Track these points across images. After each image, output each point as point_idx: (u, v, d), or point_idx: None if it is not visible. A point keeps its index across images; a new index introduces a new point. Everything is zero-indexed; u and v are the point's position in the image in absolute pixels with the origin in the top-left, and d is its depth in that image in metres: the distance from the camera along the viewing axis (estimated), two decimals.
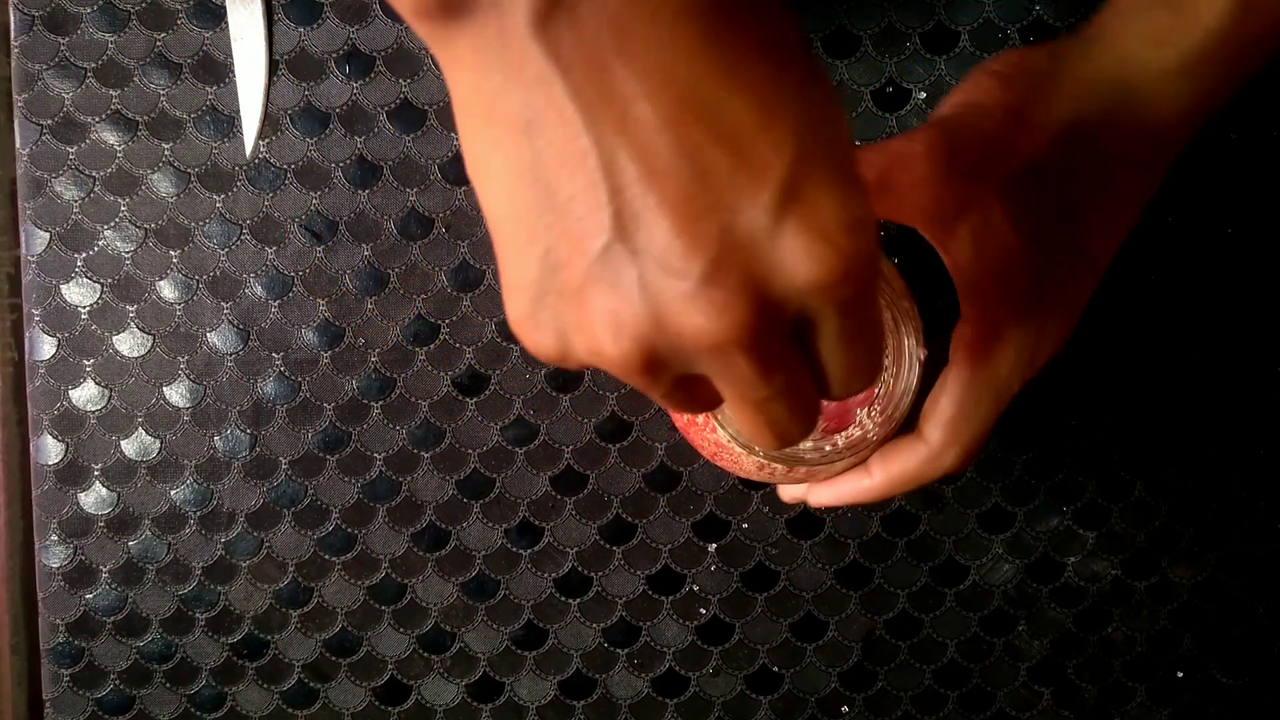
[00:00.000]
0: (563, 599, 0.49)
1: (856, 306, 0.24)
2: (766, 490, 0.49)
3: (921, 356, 0.36)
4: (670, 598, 0.49)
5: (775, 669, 0.50)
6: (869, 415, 0.38)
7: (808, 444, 0.37)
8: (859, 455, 0.37)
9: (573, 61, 0.22)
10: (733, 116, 0.22)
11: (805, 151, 0.22)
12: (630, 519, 0.49)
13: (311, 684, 0.50)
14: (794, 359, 0.25)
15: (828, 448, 0.37)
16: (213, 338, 0.48)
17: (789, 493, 0.43)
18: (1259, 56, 0.35)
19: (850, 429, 0.38)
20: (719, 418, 0.37)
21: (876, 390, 0.37)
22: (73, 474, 0.49)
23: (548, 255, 0.24)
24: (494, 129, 0.23)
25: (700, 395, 0.26)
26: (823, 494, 0.40)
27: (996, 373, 0.35)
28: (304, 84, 0.48)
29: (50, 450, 0.49)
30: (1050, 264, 0.34)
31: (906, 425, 0.37)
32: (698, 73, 0.22)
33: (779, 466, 0.38)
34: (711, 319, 0.22)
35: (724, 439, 0.37)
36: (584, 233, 0.23)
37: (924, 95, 0.48)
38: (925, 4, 0.48)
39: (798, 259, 0.22)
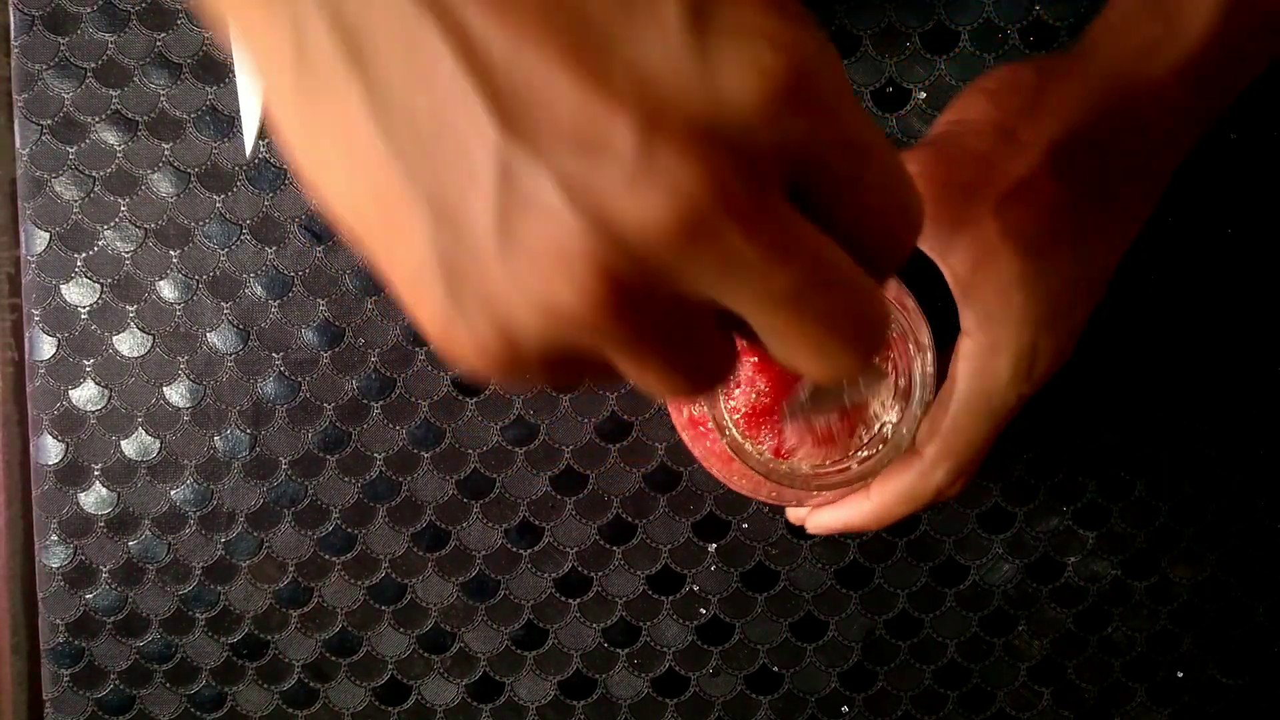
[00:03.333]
0: (563, 599, 0.49)
1: (835, 112, 0.18)
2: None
3: (932, 373, 0.36)
4: (670, 598, 0.49)
5: (775, 669, 0.50)
6: (879, 430, 0.37)
7: (816, 461, 0.37)
8: (856, 484, 0.37)
9: None
10: None
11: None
12: (630, 519, 0.49)
13: (311, 684, 0.50)
14: (807, 227, 0.18)
15: (829, 463, 0.37)
16: (213, 338, 0.48)
17: (793, 514, 0.43)
18: (1249, 65, 0.35)
19: (856, 450, 0.37)
20: (722, 421, 0.37)
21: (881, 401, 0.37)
22: (73, 474, 0.49)
23: (438, 215, 0.17)
24: (308, 76, 0.17)
25: (715, 342, 0.20)
26: (824, 518, 0.40)
27: (993, 386, 0.34)
28: None
29: (50, 450, 0.49)
30: (1048, 280, 0.34)
31: None
32: None
33: (786, 472, 0.38)
34: (674, 193, 0.16)
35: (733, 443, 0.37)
36: (470, 155, 0.17)
37: (924, 95, 0.48)
38: (925, 4, 0.48)
39: (740, 75, 0.17)
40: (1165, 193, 0.48)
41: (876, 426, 0.37)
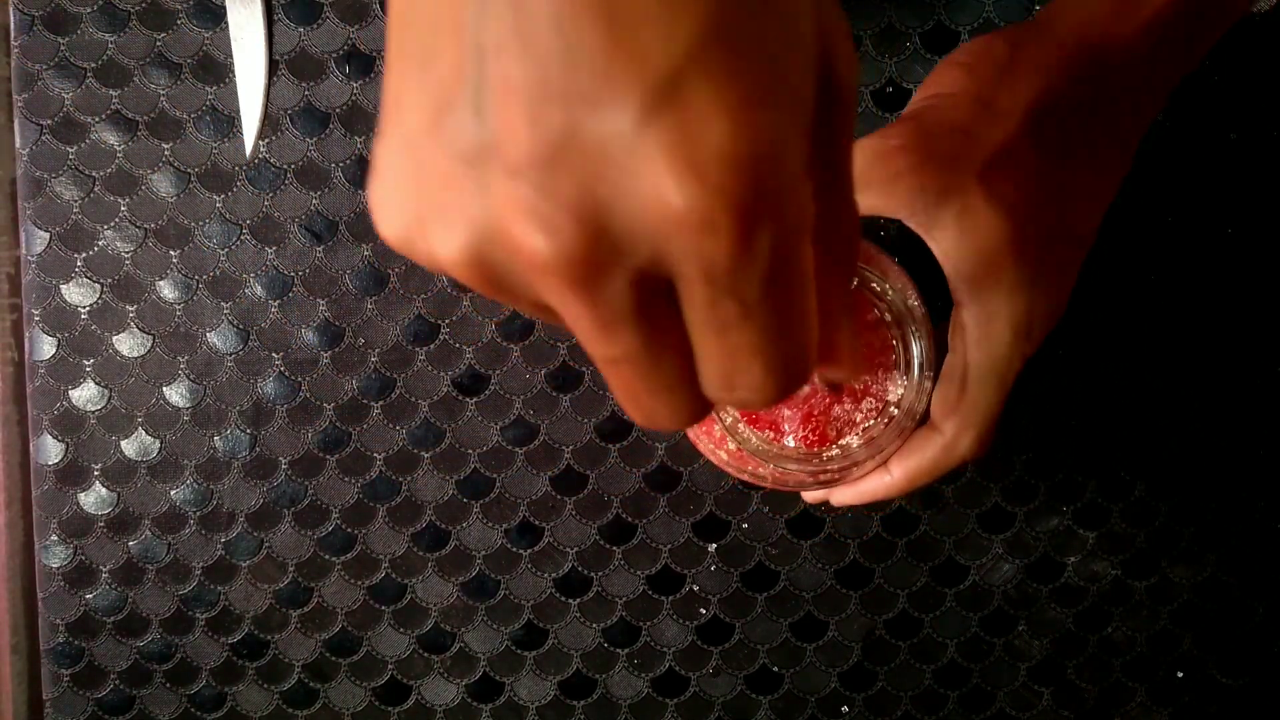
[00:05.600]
0: (563, 599, 0.49)
1: (732, 277, 0.18)
2: (766, 490, 0.49)
3: (930, 358, 0.36)
4: (670, 598, 0.49)
5: (775, 669, 0.50)
6: (881, 422, 0.38)
7: (834, 450, 0.37)
8: (877, 460, 0.37)
9: None
10: None
11: (707, 44, 0.17)
12: (630, 519, 0.49)
13: (311, 684, 0.50)
14: (661, 323, 0.20)
15: (838, 451, 0.37)
16: (213, 338, 0.48)
17: (811, 495, 0.43)
18: (1215, 19, 0.36)
19: (855, 436, 0.38)
20: (727, 424, 0.37)
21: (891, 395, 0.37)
22: (73, 474, 0.49)
23: (407, 115, 0.19)
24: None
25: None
26: (845, 494, 0.40)
27: (997, 353, 0.35)
28: (304, 84, 0.48)
29: (50, 450, 0.49)
30: (1035, 240, 0.34)
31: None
32: None
33: (795, 474, 0.38)
34: (537, 235, 0.18)
35: (732, 443, 0.37)
36: (441, 99, 0.19)
37: None
38: (925, 4, 0.48)
39: (651, 184, 0.17)
40: (1165, 192, 0.48)
41: (864, 413, 0.38)
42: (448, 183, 0.19)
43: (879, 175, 0.34)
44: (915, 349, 0.36)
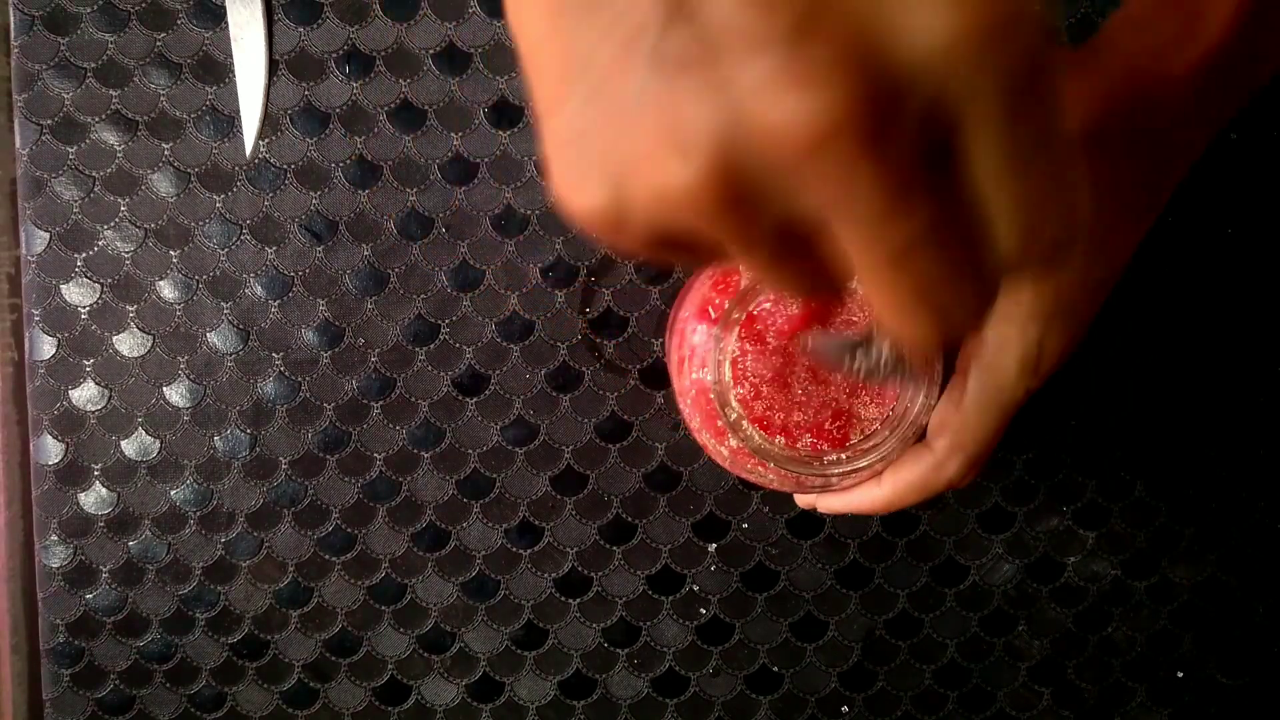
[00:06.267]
0: (563, 599, 0.49)
1: (1024, 92, 0.16)
2: (766, 490, 0.49)
3: (939, 373, 0.36)
4: (670, 598, 0.49)
5: (775, 669, 0.50)
6: (885, 425, 0.37)
7: (833, 456, 0.37)
8: (875, 469, 0.37)
9: None
10: None
11: None
12: (630, 519, 0.49)
13: (311, 684, 0.50)
14: (940, 186, 0.17)
15: (844, 456, 0.37)
16: (213, 338, 0.48)
17: (802, 500, 0.43)
18: (1268, 68, 0.35)
19: (868, 438, 0.37)
20: (731, 419, 0.37)
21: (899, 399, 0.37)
22: (73, 474, 0.49)
23: (589, 69, 0.18)
24: None
25: (816, 260, 0.19)
26: (833, 501, 0.40)
27: (1001, 382, 0.35)
28: (304, 84, 0.48)
29: (50, 450, 0.49)
30: (1058, 278, 0.34)
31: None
32: None
33: (800, 475, 0.38)
34: (807, 103, 0.15)
35: (738, 442, 0.37)
36: (631, 27, 0.17)
37: None
38: None
39: (924, 8, 0.15)
40: None
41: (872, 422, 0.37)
42: (666, 103, 0.17)
43: None
44: (927, 359, 0.36)
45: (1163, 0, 0.35)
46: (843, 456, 0.36)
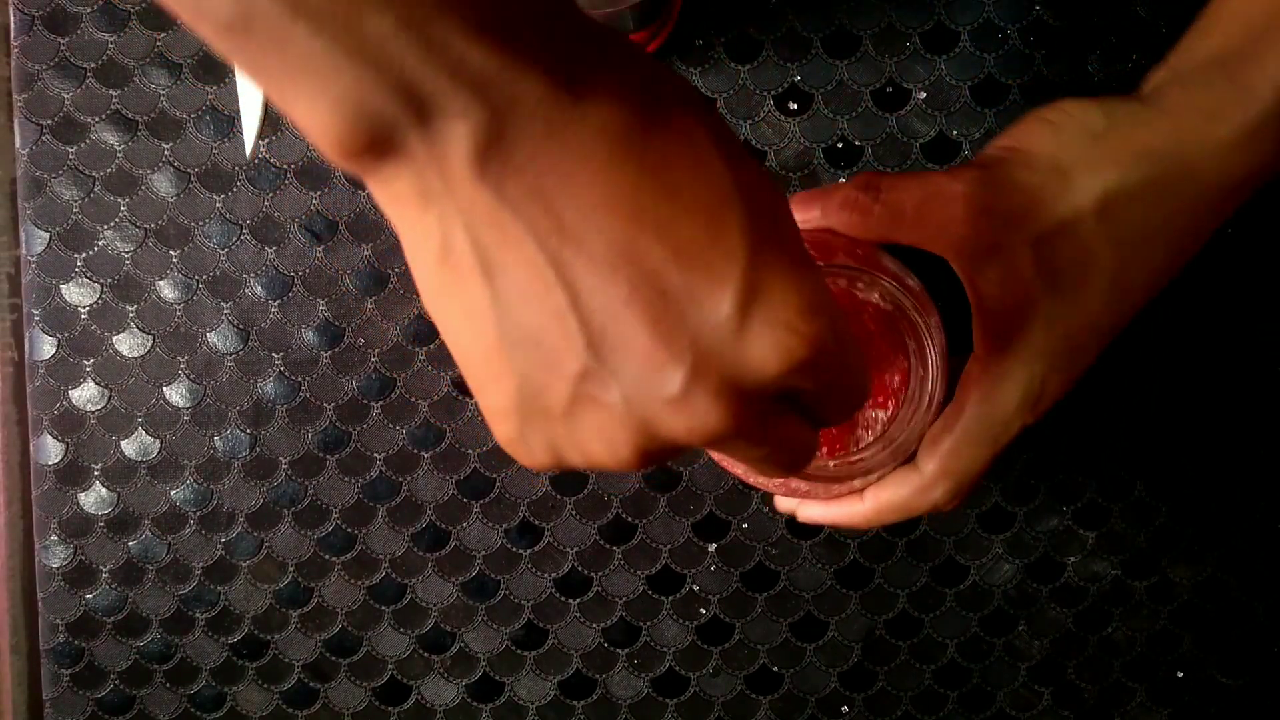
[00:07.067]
0: (563, 599, 0.49)
1: (829, 369, 0.24)
2: (765, 490, 0.49)
3: (941, 395, 0.36)
4: (670, 598, 0.49)
5: (775, 669, 0.50)
6: (889, 424, 0.37)
7: (828, 463, 0.37)
8: (865, 481, 0.37)
9: (519, 200, 0.22)
10: (684, 236, 0.23)
11: (755, 252, 0.23)
12: (630, 519, 0.49)
13: (311, 684, 0.50)
14: (781, 419, 0.25)
15: (832, 464, 0.37)
16: (213, 338, 0.48)
17: (782, 504, 0.43)
18: None
19: (872, 449, 0.37)
20: None
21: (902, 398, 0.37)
22: (73, 474, 0.49)
23: (525, 383, 0.24)
24: (449, 270, 0.23)
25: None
26: (814, 510, 0.40)
27: (996, 415, 0.35)
28: None
29: (50, 450, 0.49)
30: (1069, 320, 0.35)
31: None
32: (642, 204, 0.23)
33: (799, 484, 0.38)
34: (699, 420, 0.23)
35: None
36: (559, 359, 0.23)
37: (924, 95, 0.48)
38: (925, 4, 0.48)
39: (767, 353, 0.23)
40: None
41: (869, 434, 0.37)
42: (585, 415, 0.24)
43: (936, 216, 0.34)
44: (929, 381, 0.36)
45: (1212, 60, 0.35)
46: (830, 464, 0.36)
